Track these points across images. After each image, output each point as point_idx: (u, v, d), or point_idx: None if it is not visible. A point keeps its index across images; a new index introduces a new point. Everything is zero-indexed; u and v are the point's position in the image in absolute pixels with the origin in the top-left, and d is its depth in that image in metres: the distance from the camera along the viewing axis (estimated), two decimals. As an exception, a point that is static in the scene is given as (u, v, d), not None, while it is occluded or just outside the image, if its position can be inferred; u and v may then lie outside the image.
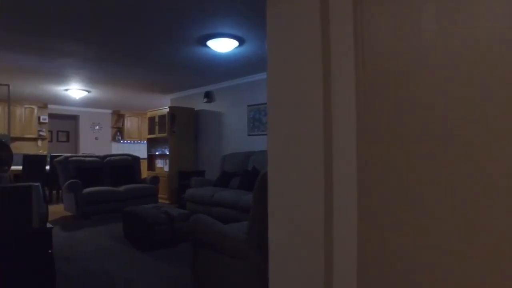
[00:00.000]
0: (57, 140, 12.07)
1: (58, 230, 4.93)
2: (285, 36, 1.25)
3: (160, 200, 6.99)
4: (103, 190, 5.79)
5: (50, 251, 2.87)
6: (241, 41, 4.55)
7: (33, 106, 9.91)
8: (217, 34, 4.30)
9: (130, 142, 11.89)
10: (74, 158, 6.21)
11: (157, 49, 4.86)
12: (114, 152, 11.43)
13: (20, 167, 7.26)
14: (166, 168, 7.52)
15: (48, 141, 11.33)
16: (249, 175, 5.64)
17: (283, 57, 1.26)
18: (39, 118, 10.10)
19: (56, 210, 6.54)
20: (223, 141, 7.16)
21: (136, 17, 3.78)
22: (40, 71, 5.99)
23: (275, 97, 1.28)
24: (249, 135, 6.56)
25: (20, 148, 9.85)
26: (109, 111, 11.58)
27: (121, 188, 6.07)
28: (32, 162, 7.20)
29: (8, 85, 4.91)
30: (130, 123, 11.67)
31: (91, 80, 6.82)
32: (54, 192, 7.86)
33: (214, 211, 5.39)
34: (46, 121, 10.31)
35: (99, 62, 5.51)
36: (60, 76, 6.45)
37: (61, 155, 6.54)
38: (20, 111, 9.69)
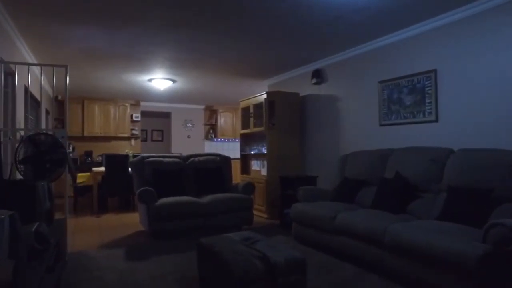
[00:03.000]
0: (152, 139, 11.54)
1: (120, 256, 3.57)
2: None
3: (255, 212, 5.32)
4: (181, 202, 4.33)
5: None
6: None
7: (126, 104, 9.32)
8: None
9: (224, 140, 10.67)
10: (151, 159, 4.92)
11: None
12: (207, 151, 10.32)
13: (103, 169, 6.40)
14: (264, 171, 5.84)
15: (143, 140, 10.79)
16: (392, 186, 3.55)
17: None
18: (131, 116, 9.48)
19: (133, 221, 5.37)
20: (340, 135, 5.17)
21: None
22: (109, 52, 4.83)
23: None
24: (381, 125, 4.45)
25: (116, 148, 9.36)
26: (201, 106, 10.52)
27: (205, 199, 4.54)
28: (114, 163, 6.24)
29: (66, 66, 3.75)
30: (223, 119, 10.44)
31: (172, 62, 5.50)
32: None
33: (336, 242, 3.44)
34: (139, 119, 9.66)
35: (177, 30, 4.05)
36: (135, 60, 5.25)
37: (138, 155, 5.35)
38: (114, 110, 9.15)
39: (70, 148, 8.71)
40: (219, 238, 2.77)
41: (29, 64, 3.71)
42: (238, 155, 7.48)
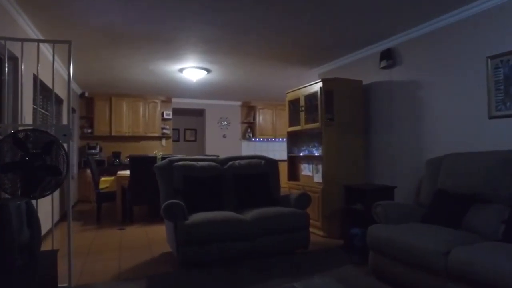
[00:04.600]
0: (184, 139, 10.74)
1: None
2: None
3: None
4: (219, 220, 3.32)
5: None
6: None
7: (156, 101, 8.52)
8: None
9: (263, 140, 9.64)
10: (180, 162, 3.95)
11: None
12: (244, 152, 9.35)
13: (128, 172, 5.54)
14: (317, 178, 4.74)
15: (174, 140, 9.99)
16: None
17: None
18: (162, 114, 8.67)
19: (160, 236, 4.42)
20: (423, 133, 3.95)
21: None
22: (130, 30, 3.90)
23: None
24: (493, 117, 3.20)
25: (146, 149, 8.60)
26: (238, 103, 9.54)
27: (249, 216, 3.51)
28: (141, 166, 5.35)
29: (70, 42, 2.86)
30: (262, 116, 9.41)
31: (206, 45, 4.52)
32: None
33: (453, 292, 2.28)
34: (170, 117, 8.84)
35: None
36: (162, 42, 4.31)
37: (167, 157, 4.40)
38: (143, 107, 8.37)
39: (97, 148, 8.02)
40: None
41: (22, 40, 2.84)
42: (279, 157, 6.48)
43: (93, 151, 7.91)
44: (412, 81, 4.10)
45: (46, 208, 3.21)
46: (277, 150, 9.60)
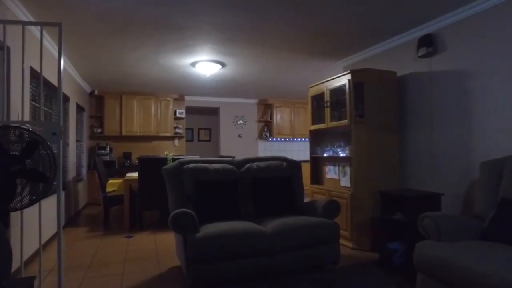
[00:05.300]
0: (198, 139, 10.32)
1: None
2: None
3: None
4: (236, 232, 2.84)
5: None
6: None
7: (168, 99, 8.11)
8: None
9: (281, 140, 9.14)
10: (191, 165, 3.48)
11: None
12: (260, 153, 8.87)
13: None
14: (345, 182, 4.21)
15: (188, 140, 9.60)
16: None
17: None
18: (175, 112, 8.26)
19: (170, 246, 3.98)
20: (473, 132, 3.37)
21: None
22: (136, 16, 3.47)
23: None
24: None
25: (157, 149, 8.22)
26: (254, 101, 9.06)
27: (269, 227, 3.02)
28: (151, 168, 4.93)
29: (60, 24, 2.44)
30: (280, 115, 8.89)
31: (220, 34, 4.05)
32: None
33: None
34: (183, 115, 8.42)
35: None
36: (172, 29, 3.86)
37: (179, 158, 3.95)
38: (155, 105, 7.98)
39: (107, 149, 7.66)
40: None
41: (5, 23, 2.43)
42: (298, 158, 5.97)
43: (103, 151, 7.56)
44: (458, 70, 3.53)
45: (44, 216, 2.79)
46: (295, 151, 9.11)
